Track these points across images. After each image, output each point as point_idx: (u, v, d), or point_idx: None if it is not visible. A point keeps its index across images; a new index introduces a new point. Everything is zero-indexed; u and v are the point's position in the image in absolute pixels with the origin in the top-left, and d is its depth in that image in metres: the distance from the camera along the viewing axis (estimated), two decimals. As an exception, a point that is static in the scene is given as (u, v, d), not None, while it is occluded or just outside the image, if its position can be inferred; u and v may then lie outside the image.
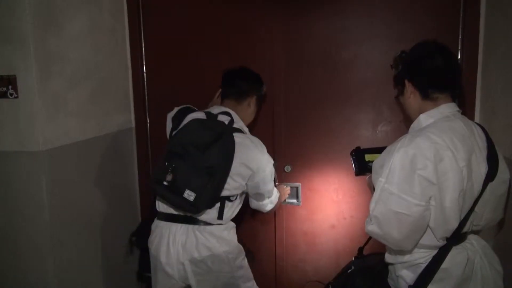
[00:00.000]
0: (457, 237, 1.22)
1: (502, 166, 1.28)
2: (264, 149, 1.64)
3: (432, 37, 1.34)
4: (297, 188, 2.13)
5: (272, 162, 1.67)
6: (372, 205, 1.19)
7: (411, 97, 1.30)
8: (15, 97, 1.59)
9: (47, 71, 1.63)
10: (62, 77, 1.72)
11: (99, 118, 1.96)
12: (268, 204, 1.73)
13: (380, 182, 1.18)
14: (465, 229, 1.24)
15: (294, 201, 2.15)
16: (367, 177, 1.58)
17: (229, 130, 1.57)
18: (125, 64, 2.20)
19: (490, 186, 1.24)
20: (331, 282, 1.54)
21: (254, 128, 2.12)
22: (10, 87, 1.59)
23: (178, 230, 1.58)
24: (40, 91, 1.60)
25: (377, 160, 1.26)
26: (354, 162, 1.58)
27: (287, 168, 2.12)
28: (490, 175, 1.23)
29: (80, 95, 1.83)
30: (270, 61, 2.06)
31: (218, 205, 1.58)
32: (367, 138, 2.02)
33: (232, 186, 1.56)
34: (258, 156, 1.60)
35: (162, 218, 1.64)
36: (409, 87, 1.30)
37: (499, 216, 1.37)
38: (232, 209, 1.64)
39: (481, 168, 1.22)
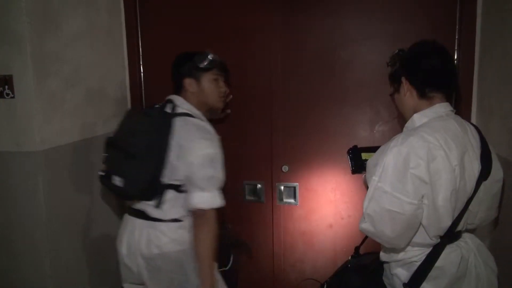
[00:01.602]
0: (450, 235, 1.23)
1: (496, 165, 1.29)
2: (207, 134, 1.52)
3: (429, 37, 1.35)
4: (294, 188, 2.13)
5: (216, 151, 1.50)
6: (365, 203, 1.20)
7: (407, 95, 1.30)
8: (11, 97, 1.60)
9: (44, 71, 1.64)
10: (58, 77, 1.72)
11: (96, 118, 1.97)
12: (198, 198, 1.47)
13: (374, 180, 1.19)
14: (459, 227, 1.24)
15: (292, 201, 2.15)
16: (363, 176, 1.59)
17: (167, 115, 1.53)
18: (122, 64, 2.20)
19: (484, 185, 1.24)
20: (327, 280, 1.54)
21: (252, 128, 2.13)
22: (6, 87, 1.59)
23: (136, 225, 1.57)
24: (37, 91, 1.61)
25: (371, 159, 1.27)
26: (350, 161, 1.59)
27: (285, 168, 2.12)
28: (484, 174, 1.23)
29: (77, 95, 1.83)
30: (268, 61, 2.07)
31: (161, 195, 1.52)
32: (364, 138, 2.02)
33: (173, 172, 1.49)
34: (195, 136, 1.49)
35: (127, 211, 1.64)
36: (406, 85, 1.30)
37: (493, 215, 1.37)
38: (180, 200, 1.53)
39: (474, 167, 1.23)
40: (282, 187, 2.14)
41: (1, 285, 1.72)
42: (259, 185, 2.17)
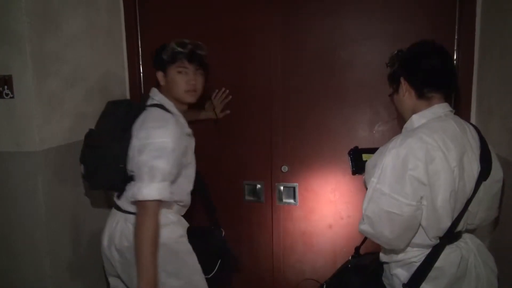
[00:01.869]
0: (450, 236, 1.23)
1: (496, 165, 1.29)
2: (158, 123, 1.45)
3: (429, 37, 1.35)
4: (294, 188, 2.13)
5: (165, 140, 1.41)
6: (364, 205, 1.20)
7: (406, 95, 1.30)
8: (11, 97, 1.59)
9: (43, 71, 1.64)
10: (58, 77, 1.72)
11: (96, 118, 1.96)
12: (136, 188, 1.40)
13: (372, 182, 1.19)
14: (459, 228, 1.24)
15: (291, 201, 2.15)
16: (363, 177, 1.59)
17: (136, 106, 1.56)
18: (122, 64, 2.20)
19: (483, 185, 1.25)
20: (327, 280, 1.54)
21: (251, 128, 2.13)
22: (6, 87, 1.59)
23: (115, 217, 1.59)
24: (36, 91, 1.60)
25: (369, 161, 1.27)
26: (351, 161, 1.59)
27: (284, 168, 2.12)
28: (483, 174, 1.23)
29: (76, 95, 1.83)
30: (268, 61, 2.06)
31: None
32: (364, 138, 2.02)
33: (131, 162, 1.47)
34: (146, 126, 1.45)
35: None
36: (404, 85, 1.30)
37: (493, 215, 1.37)
38: None
39: (474, 168, 1.23)
40: (281, 187, 2.14)
41: (1, 285, 1.72)
42: (258, 185, 2.17)
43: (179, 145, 1.47)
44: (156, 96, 1.60)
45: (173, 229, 1.55)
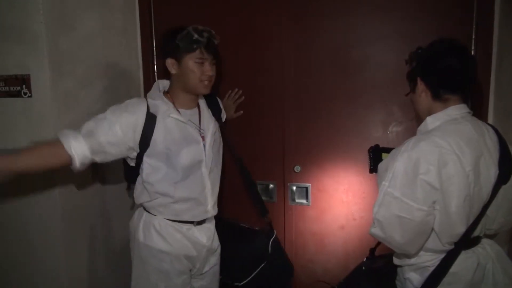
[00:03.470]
0: (466, 241, 1.20)
1: None
2: (129, 102, 1.51)
3: (445, 36, 1.31)
4: (306, 188, 2.12)
5: (108, 111, 1.48)
6: (375, 209, 1.19)
7: (422, 95, 1.28)
8: (29, 96, 1.62)
9: (59, 71, 1.66)
10: (74, 77, 1.74)
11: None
12: None
13: (384, 185, 1.18)
14: (476, 233, 1.21)
15: (304, 201, 2.14)
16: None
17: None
18: (137, 64, 2.21)
19: (503, 189, 1.21)
20: (338, 283, 1.53)
21: (264, 128, 2.13)
22: (24, 86, 1.62)
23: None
24: (53, 90, 1.62)
25: (381, 164, 1.25)
26: (370, 159, 1.58)
27: (297, 168, 2.11)
28: (502, 178, 1.20)
29: (91, 94, 1.85)
30: (280, 60, 2.06)
31: None
32: (378, 139, 1.99)
33: None
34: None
35: None
36: (420, 85, 1.28)
37: None
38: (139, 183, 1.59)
39: (491, 172, 1.19)
40: (294, 188, 2.13)
41: (18, 284, 1.75)
42: (271, 185, 2.17)
43: (123, 117, 1.46)
44: (157, 85, 1.61)
45: (156, 239, 1.60)
